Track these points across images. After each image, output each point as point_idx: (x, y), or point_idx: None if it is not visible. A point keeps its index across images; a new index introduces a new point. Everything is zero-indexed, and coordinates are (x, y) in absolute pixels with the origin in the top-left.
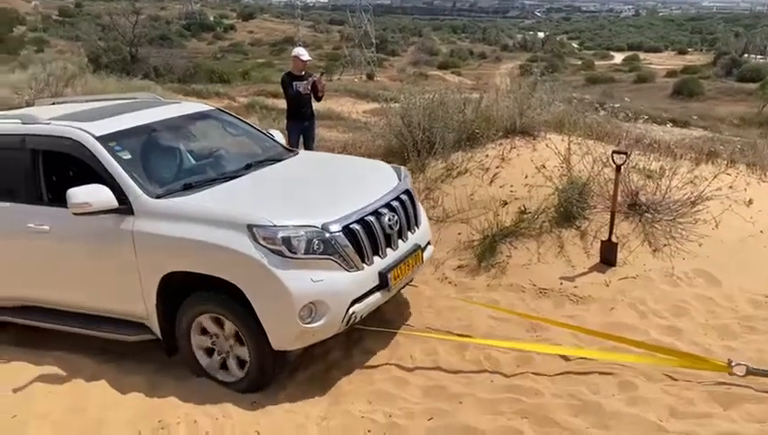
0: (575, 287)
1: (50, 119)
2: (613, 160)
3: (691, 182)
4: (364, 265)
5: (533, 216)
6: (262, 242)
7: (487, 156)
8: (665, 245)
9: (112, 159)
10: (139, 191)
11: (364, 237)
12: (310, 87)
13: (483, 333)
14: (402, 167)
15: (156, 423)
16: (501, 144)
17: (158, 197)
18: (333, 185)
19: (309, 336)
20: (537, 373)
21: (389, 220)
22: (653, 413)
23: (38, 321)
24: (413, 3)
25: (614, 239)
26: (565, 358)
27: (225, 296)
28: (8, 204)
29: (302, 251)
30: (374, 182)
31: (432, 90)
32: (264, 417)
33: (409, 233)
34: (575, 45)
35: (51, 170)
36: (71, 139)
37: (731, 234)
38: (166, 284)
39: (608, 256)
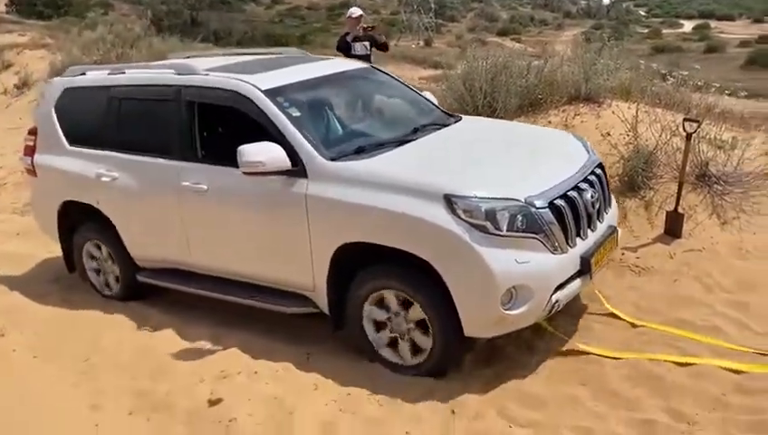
0: (637, 258)
1: (207, 70)
2: (684, 128)
3: (765, 154)
4: (568, 247)
5: None
6: (461, 215)
7: (550, 122)
8: (734, 218)
9: (283, 116)
10: (314, 152)
11: (569, 215)
12: (369, 45)
13: None
14: (584, 139)
15: (218, 372)
16: (564, 110)
17: (333, 159)
18: (521, 155)
19: (507, 324)
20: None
21: (592, 197)
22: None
23: (186, 286)
24: None
25: (680, 210)
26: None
27: (411, 272)
28: (160, 160)
29: (506, 228)
30: (565, 153)
31: (496, 54)
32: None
33: (605, 213)
34: (642, 13)
35: (208, 126)
36: (235, 92)
37: None
38: (340, 254)
39: (673, 228)
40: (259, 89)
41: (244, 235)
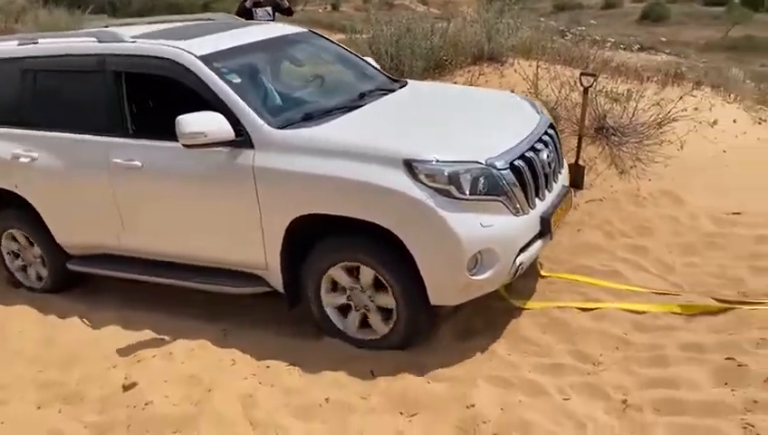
0: None
1: (134, 37)
2: (581, 83)
3: (657, 104)
4: (529, 208)
5: None
6: (423, 180)
7: (456, 82)
8: (631, 167)
9: (222, 83)
10: (259, 121)
11: (529, 176)
12: (271, 10)
13: None
14: (533, 100)
15: (131, 356)
16: (469, 71)
17: (280, 127)
18: (474, 118)
19: (474, 289)
20: None
21: (548, 157)
22: (618, 328)
23: (124, 272)
24: None
25: (581, 162)
26: None
27: (372, 243)
28: (86, 136)
29: (469, 191)
30: (516, 114)
31: (399, 17)
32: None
33: (558, 173)
34: None
35: (138, 97)
36: (167, 59)
37: (695, 154)
38: (293, 229)
39: (575, 179)
40: (195, 55)
41: (185, 213)
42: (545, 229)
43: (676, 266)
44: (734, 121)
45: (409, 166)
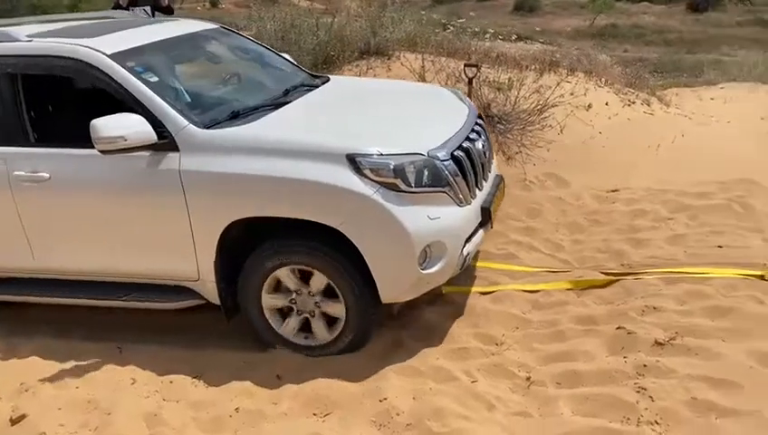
0: None
1: (29, 36)
2: (465, 74)
3: (537, 92)
4: (471, 198)
5: None
6: (368, 174)
7: None
8: (517, 153)
9: (139, 82)
10: (184, 121)
11: (468, 166)
12: (150, 9)
13: None
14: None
15: (18, 386)
16: (357, 65)
17: (207, 127)
18: (406, 111)
19: (424, 284)
20: None
21: (483, 147)
22: (517, 308)
23: (35, 295)
24: None
25: None
26: None
27: (316, 244)
28: None
29: (414, 183)
30: (445, 105)
31: (283, 13)
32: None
33: (491, 163)
34: None
35: (40, 102)
36: (73, 59)
37: (574, 137)
38: (228, 235)
39: None
40: (104, 53)
41: (105, 226)
42: (486, 219)
43: (565, 244)
44: (606, 104)
45: (353, 161)
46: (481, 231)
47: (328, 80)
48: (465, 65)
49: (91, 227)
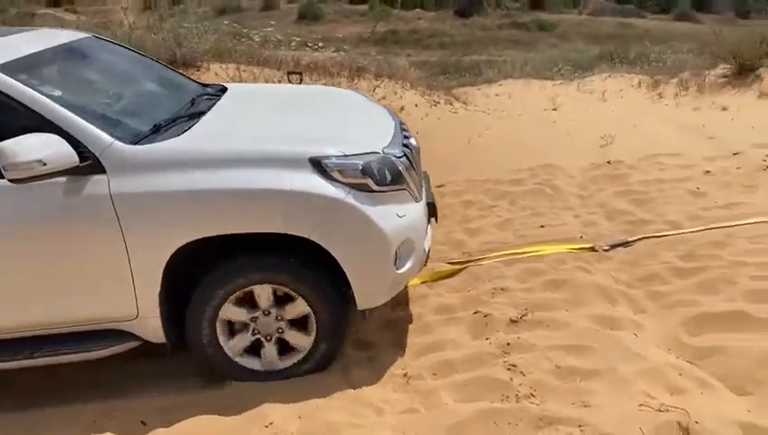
0: None
1: None
2: (289, 80)
3: None
4: (421, 194)
5: None
6: (337, 177)
7: None
8: None
9: (42, 97)
10: (108, 138)
11: (414, 162)
12: None
13: None
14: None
15: None
16: None
17: (134, 143)
18: (335, 113)
19: (398, 284)
20: None
21: (415, 142)
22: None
23: None
24: None
25: None
26: None
27: (280, 258)
28: None
29: (381, 182)
30: (365, 106)
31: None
32: None
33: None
34: None
35: None
36: None
37: None
38: (175, 261)
39: None
40: None
41: (10, 272)
42: (432, 212)
43: None
44: (416, 106)
45: (317, 164)
46: (430, 226)
47: (224, 88)
48: (288, 73)
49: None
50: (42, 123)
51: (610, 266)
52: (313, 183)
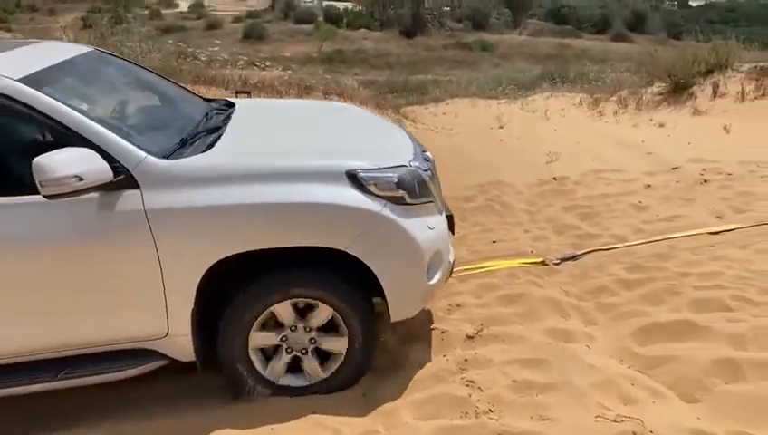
0: None
1: None
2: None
3: None
4: (443, 206)
5: None
6: (374, 190)
7: None
8: None
9: (71, 110)
10: (140, 153)
11: (435, 177)
12: None
13: None
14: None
15: None
16: None
17: (166, 157)
18: (354, 127)
19: (429, 296)
20: None
21: (431, 157)
22: None
23: None
24: None
25: None
26: None
27: (315, 271)
28: None
29: (414, 195)
30: (375, 120)
31: None
32: None
33: None
34: None
35: None
36: None
37: None
38: (210, 278)
39: None
40: (11, 78)
41: (36, 290)
42: (450, 225)
43: None
44: None
45: (354, 177)
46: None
47: (231, 103)
48: (236, 92)
49: (18, 293)
50: (72, 138)
51: (561, 280)
52: (351, 196)
